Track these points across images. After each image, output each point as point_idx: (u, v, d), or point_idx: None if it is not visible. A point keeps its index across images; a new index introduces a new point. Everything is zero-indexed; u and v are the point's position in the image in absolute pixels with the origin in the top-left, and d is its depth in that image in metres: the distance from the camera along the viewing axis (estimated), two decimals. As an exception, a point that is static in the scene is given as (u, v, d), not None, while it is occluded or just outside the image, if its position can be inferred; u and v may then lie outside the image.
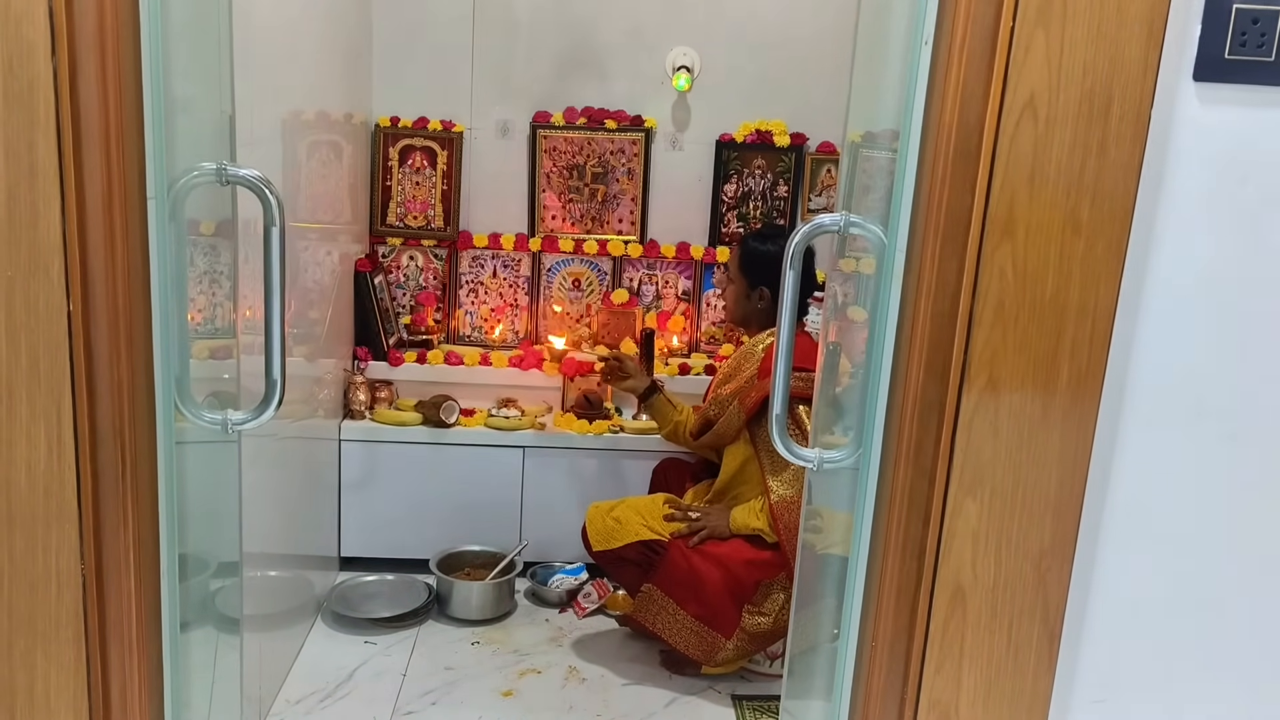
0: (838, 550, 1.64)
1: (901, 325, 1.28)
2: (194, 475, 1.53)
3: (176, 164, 1.44)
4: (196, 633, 1.69)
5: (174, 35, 1.29)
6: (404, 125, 3.42)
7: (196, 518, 1.63)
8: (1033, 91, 1.17)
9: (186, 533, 1.49)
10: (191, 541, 1.56)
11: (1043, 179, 1.19)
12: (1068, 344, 1.22)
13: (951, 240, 1.22)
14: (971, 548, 1.26)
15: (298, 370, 2.84)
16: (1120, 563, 1.29)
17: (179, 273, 1.45)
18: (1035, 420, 1.23)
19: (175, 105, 1.33)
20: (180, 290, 1.45)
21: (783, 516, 2.63)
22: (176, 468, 1.40)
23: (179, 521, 1.44)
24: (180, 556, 1.48)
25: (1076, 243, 1.20)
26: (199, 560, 1.67)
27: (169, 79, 1.30)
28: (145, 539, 1.28)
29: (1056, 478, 1.25)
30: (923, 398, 1.25)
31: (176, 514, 1.33)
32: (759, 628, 2.69)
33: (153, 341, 1.26)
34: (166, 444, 1.29)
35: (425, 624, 3.04)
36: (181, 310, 1.46)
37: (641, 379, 3.00)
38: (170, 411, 1.30)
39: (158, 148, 1.22)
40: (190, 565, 1.62)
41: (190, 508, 1.53)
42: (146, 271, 1.25)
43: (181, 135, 1.46)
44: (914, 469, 1.26)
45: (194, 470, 1.52)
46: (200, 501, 1.63)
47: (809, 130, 3.46)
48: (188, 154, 1.51)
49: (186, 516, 1.50)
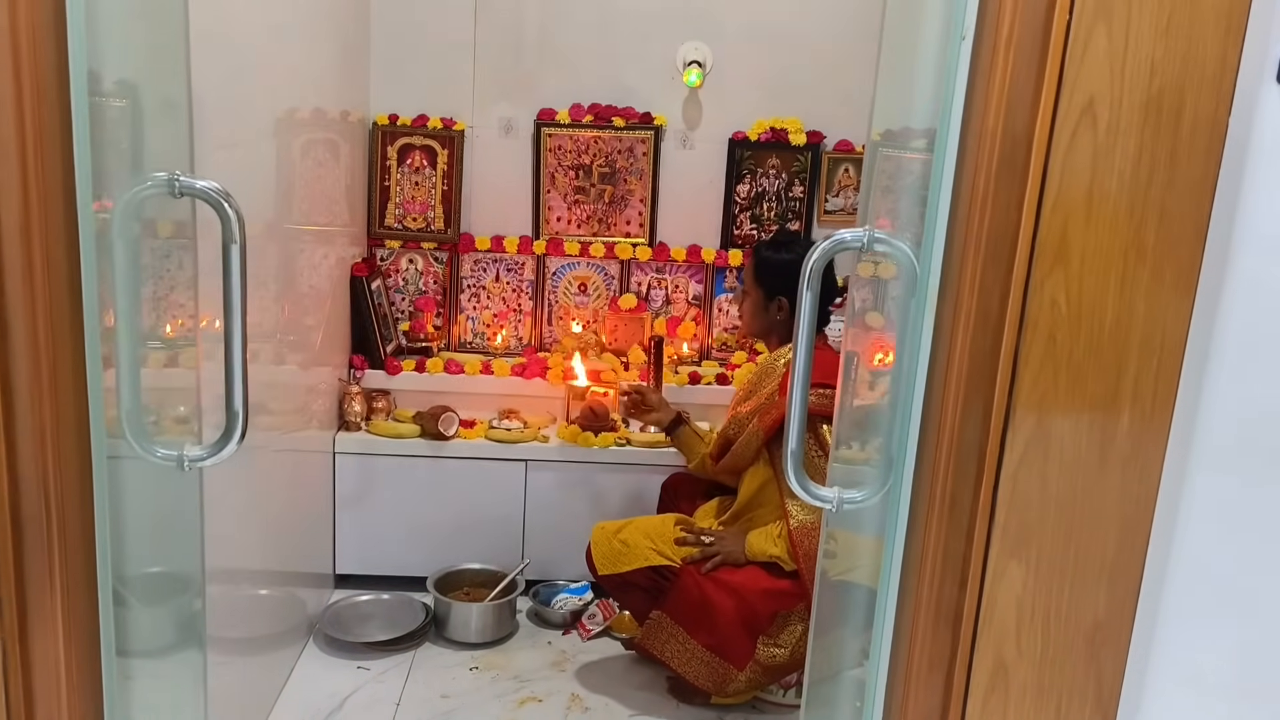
0: (858, 577, 1.51)
1: (935, 361, 1.12)
2: (150, 492, 1.40)
3: (130, 171, 1.30)
4: (152, 665, 1.56)
5: (109, 20, 1.14)
6: (403, 123, 3.28)
7: (153, 538, 1.50)
8: (1092, 94, 1.01)
9: (132, 557, 1.36)
10: (143, 565, 1.43)
11: (1102, 196, 1.02)
12: (1129, 385, 1.06)
13: (995, 265, 1.06)
14: (1015, 617, 1.10)
15: (291, 379, 2.72)
16: (1185, 635, 1.13)
17: (130, 295, 1.31)
18: (1091, 472, 1.07)
19: (113, 107, 1.19)
20: (132, 315, 1.31)
21: (802, 543, 2.47)
22: (119, 507, 1.26)
23: (127, 547, 1.31)
24: (132, 581, 1.35)
25: (1141, 269, 1.04)
26: (155, 587, 1.54)
27: (104, 75, 1.16)
28: (76, 602, 1.14)
29: (1115, 538, 1.09)
30: (960, 445, 1.09)
31: (110, 557, 1.19)
32: (774, 660, 2.54)
33: (86, 376, 1.12)
34: (102, 490, 1.15)
35: (422, 646, 2.90)
36: (133, 336, 1.32)
37: (666, 411, 2.87)
38: (103, 454, 1.16)
39: (83, 156, 1.07)
40: (145, 592, 1.50)
41: (142, 529, 1.41)
42: (77, 298, 1.10)
43: (132, 139, 1.32)
44: (949, 525, 1.11)
45: (150, 487, 1.39)
46: (159, 520, 1.50)
47: (826, 128, 3.31)
48: (146, 159, 1.37)
49: (138, 538, 1.37)
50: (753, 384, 2.71)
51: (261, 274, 2.44)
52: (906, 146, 1.50)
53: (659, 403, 2.89)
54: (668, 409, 2.88)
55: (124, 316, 1.30)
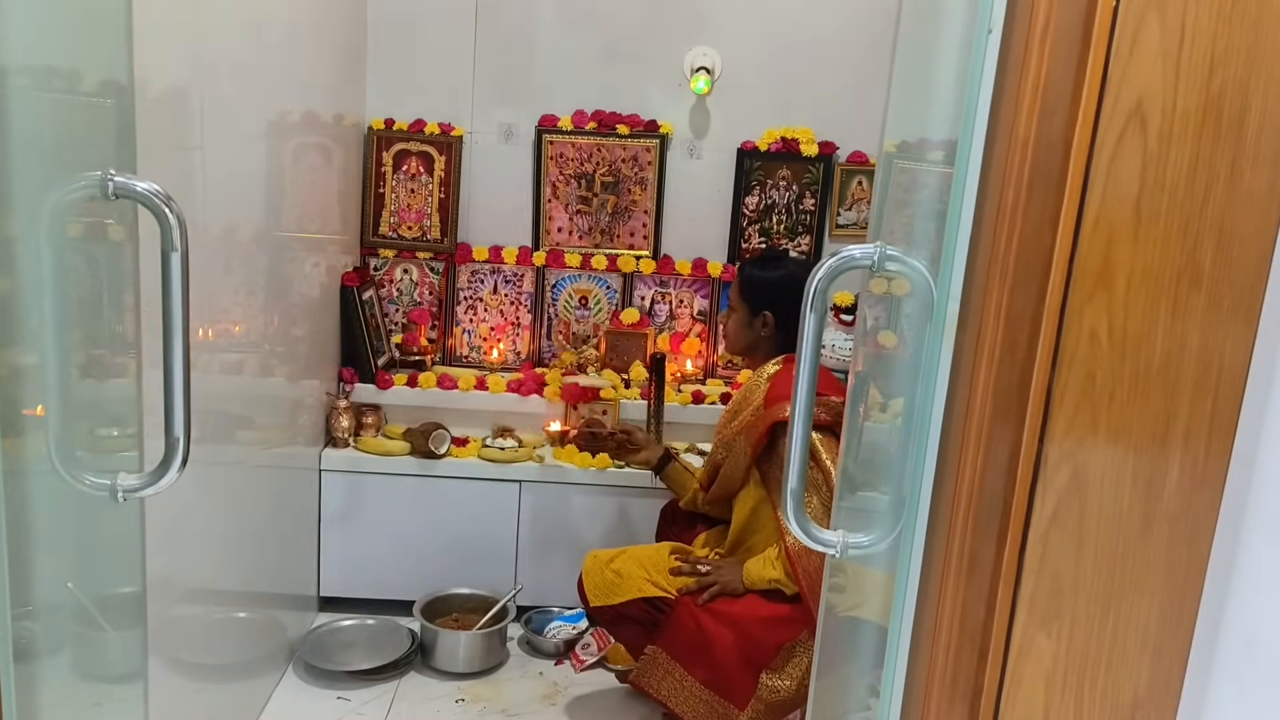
0: (866, 613, 1.37)
1: (954, 400, 0.98)
2: (82, 513, 1.28)
3: (60, 171, 1.17)
4: (89, 696, 1.44)
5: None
6: (399, 128, 3.15)
7: (93, 555, 1.38)
8: (1141, 95, 0.87)
9: (50, 582, 1.24)
10: (60, 592, 1.31)
11: (1152, 212, 0.88)
12: (1179, 431, 0.92)
13: (1024, 289, 0.92)
14: (1045, 695, 0.95)
15: (276, 392, 2.60)
16: (1238, 714, 0.98)
17: (57, 307, 1.18)
18: (1134, 531, 0.93)
19: (32, 96, 1.07)
20: (59, 329, 1.18)
21: (801, 560, 2.33)
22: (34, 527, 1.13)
23: (41, 570, 1.18)
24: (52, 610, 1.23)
25: (1195, 297, 0.90)
26: (87, 615, 1.42)
27: (20, 60, 1.03)
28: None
29: (1159, 607, 0.94)
30: (981, 497, 0.95)
31: (8, 582, 1.06)
32: (777, 695, 2.39)
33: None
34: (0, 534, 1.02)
35: (407, 676, 2.77)
36: (61, 352, 1.20)
37: (654, 449, 2.76)
38: (1, 494, 1.03)
39: None
40: (71, 619, 1.37)
41: (68, 552, 1.29)
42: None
43: (62, 132, 1.19)
44: (968, 589, 0.96)
45: (83, 507, 1.27)
46: (97, 537, 1.37)
47: (839, 139, 3.17)
48: (78, 156, 1.24)
49: (59, 562, 1.25)
50: (738, 404, 2.58)
51: (249, 282, 2.34)
52: (923, 158, 1.36)
53: (646, 441, 2.79)
54: (655, 447, 2.78)
55: (51, 331, 1.18)
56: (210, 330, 2.13)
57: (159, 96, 1.80)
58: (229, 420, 2.31)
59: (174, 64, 1.85)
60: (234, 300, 2.27)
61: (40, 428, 1.17)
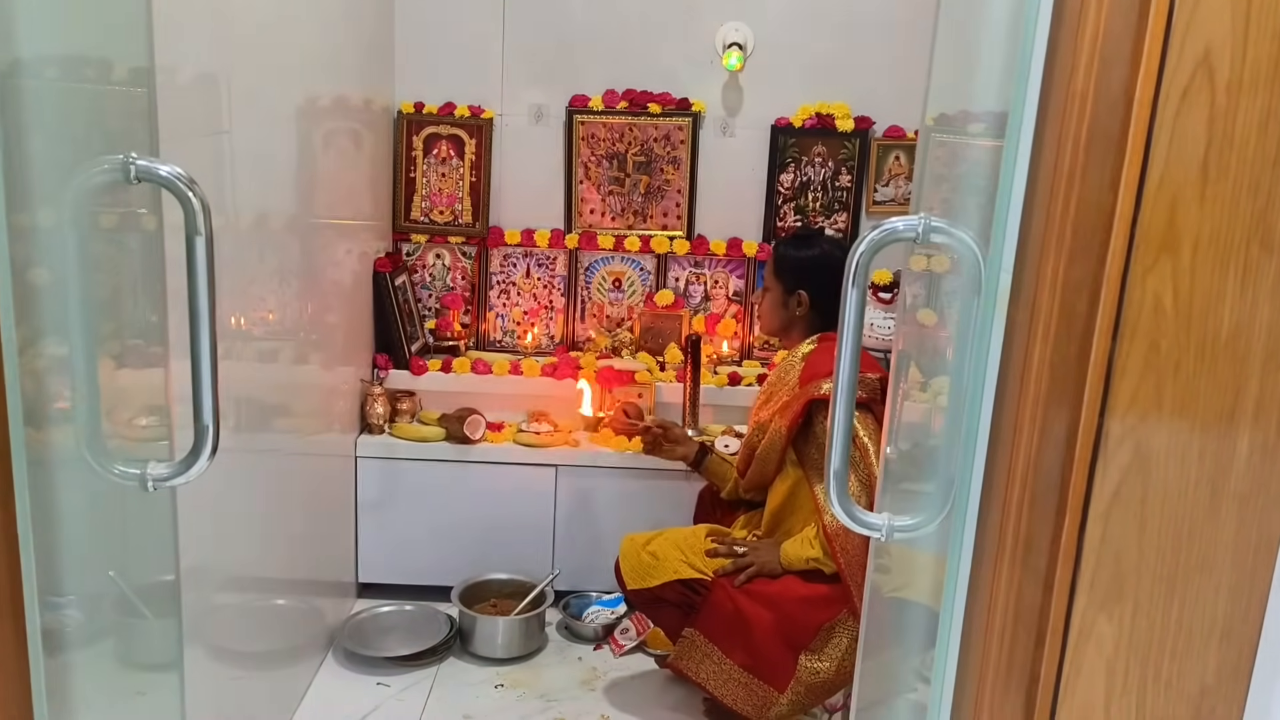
0: (913, 594, 1.34)
1: (1007, 374, 0.93)
2: (116, 502, 1.27)
3: (84, 157, 1.16)
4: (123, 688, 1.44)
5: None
6: (429, 111, 3.13)
7: (127, 544, 1.37)
8: (1208, 44, 0.81)
9: (85, 572, 1.23)
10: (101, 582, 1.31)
11: (1221, 171, 0.83)
12: (1249, 404, 0.86)
13: (1083, 257, 0.87)
14: (1105, 682, 0.91)
15: (312, 380, 2.60)
16: (1313, 703, 0.93)
17: (82, 295, 1.17)
18: (1201, 510, 0.88)
19: (54, 86, 1.05)
20: (86, 317, 1.17)
21: (839, 539, 2.28)
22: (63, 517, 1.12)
23: (68, 560, 1.18)
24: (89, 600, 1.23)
25: (1267, 261, 0.84)
26: (125, 601, 1.41)
27: (39, 51, 1.01)
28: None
29: (1228, 588, 0.89)
30: (1037, 476, 0.91)
31: (35, 572, 1.06)
32: (817, 676, 2.35)
33: (5, 389, 0.98)
34: (25, 524, 1.01)
35: (446, 661, 2.76)
36: (88, 341, 1.18)
37: (690, 444, 2.73)
38: (24, 484, 1.02)
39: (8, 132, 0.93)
40: (112, 609, 1.37)
41: (100, 541, 1.28)
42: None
43: (83, 119, 1.18)
44: (1023, 571, 0.92)
45: (116, 497, 1.26)
46: (132, 526, 1.37)
47: (876, 113, 3.10)
48: (100, 143, 1.22)
49: (91, 551, 1.24)
50: (773, 385, 2.54)
51: (282, 270, 2.33)
52: (965, 131, 1.31)
53: (682, 436, 2.75)
54: (690, 442, 2.74)
55: (79, 320, 1.16)
56: (244, 319, 2.12)
57: (188, 83, 1.79)
58: (265, 409, 2.30)
59: (201, 48, 1.83)
60: (268, 288, 2.26)
61: (70, 419, 1.16)
